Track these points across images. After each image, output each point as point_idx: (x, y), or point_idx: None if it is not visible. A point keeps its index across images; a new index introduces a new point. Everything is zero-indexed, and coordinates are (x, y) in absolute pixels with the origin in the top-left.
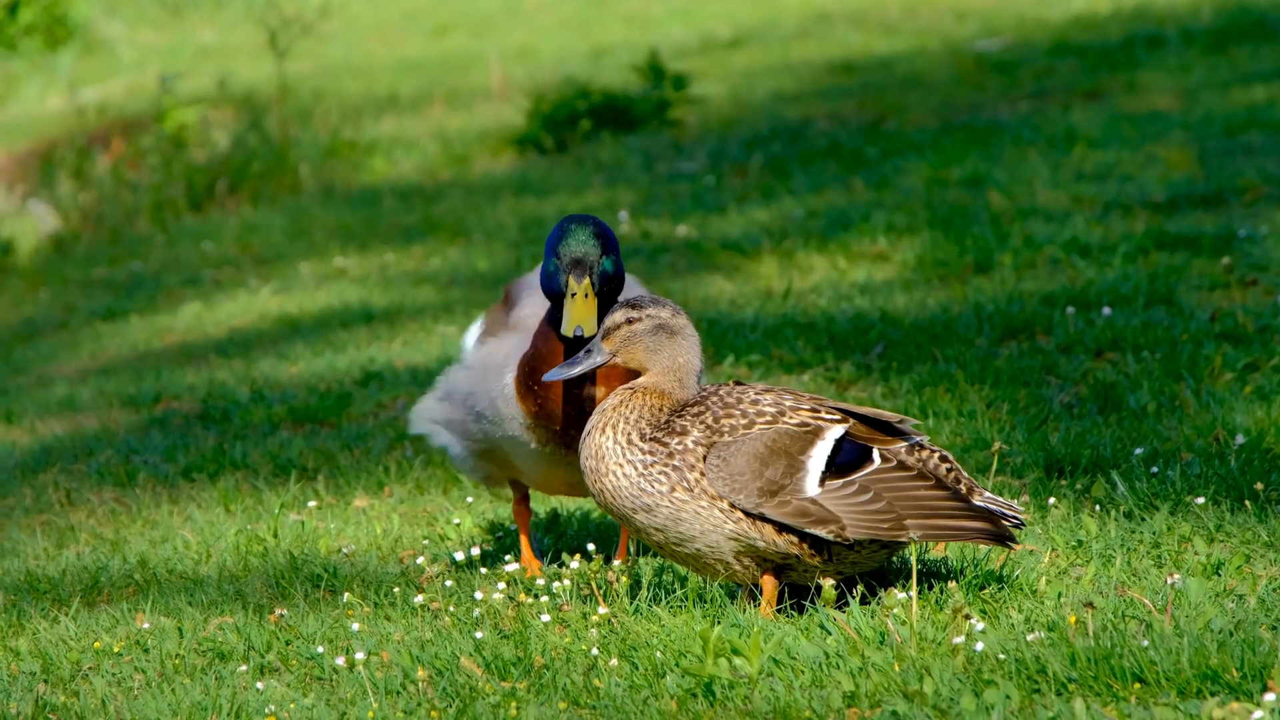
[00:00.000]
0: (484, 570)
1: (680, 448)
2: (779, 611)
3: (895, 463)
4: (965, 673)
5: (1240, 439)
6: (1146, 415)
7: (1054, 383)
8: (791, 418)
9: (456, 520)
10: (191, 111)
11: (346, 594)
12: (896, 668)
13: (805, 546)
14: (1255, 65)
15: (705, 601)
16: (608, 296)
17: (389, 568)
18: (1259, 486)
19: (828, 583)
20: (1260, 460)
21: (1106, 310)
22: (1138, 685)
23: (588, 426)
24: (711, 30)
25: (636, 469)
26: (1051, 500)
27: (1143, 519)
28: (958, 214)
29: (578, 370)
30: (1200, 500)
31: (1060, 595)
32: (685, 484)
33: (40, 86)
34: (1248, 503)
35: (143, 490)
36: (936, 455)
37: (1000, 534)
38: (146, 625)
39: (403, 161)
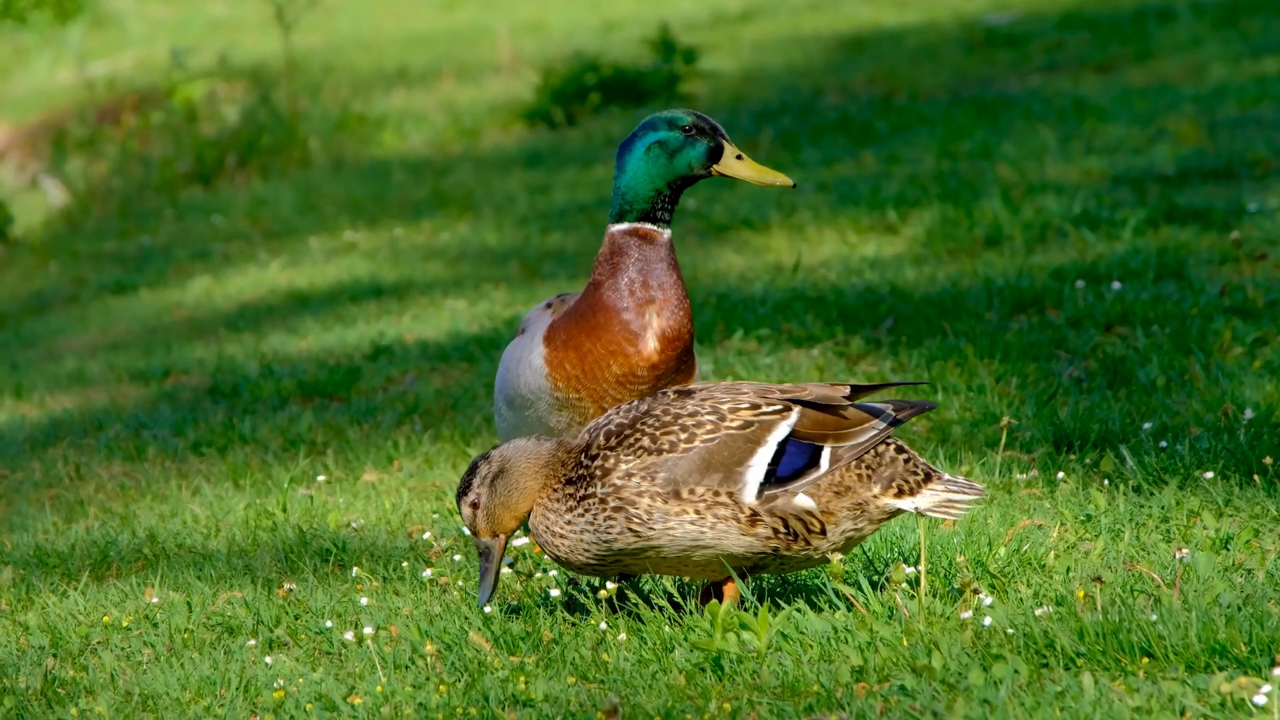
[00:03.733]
0: None
1: (609, 488)
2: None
3: (837, 473)
4: (973, 647)
5: (1249, 413)
6: (1156, 390)
7: (1063, 357)
8: (733, 420)
9: None
10: (200, 86)
11: (355, 568)
12: (905, 642)
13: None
14: (1266, 38)
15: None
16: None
17: (398, 542)
18: (1268, 461)
19: (835, 557)
20: (1269, 435)
21: (1116, 284)
22: (1146, 660)
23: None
24: (722, 4)
25: (585, 530)
26: (1060, 475)
27: (1151, 493)
28: (967, 188)
29: (493, 576)
30: (1209, 475)
31: (1069, 570)
32: (638, 519)
33: (50, 60)
34: (1256, 477)
35: (152, 464)
36: (893, 448)
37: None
38: (155, 599)
39: (412, 135)
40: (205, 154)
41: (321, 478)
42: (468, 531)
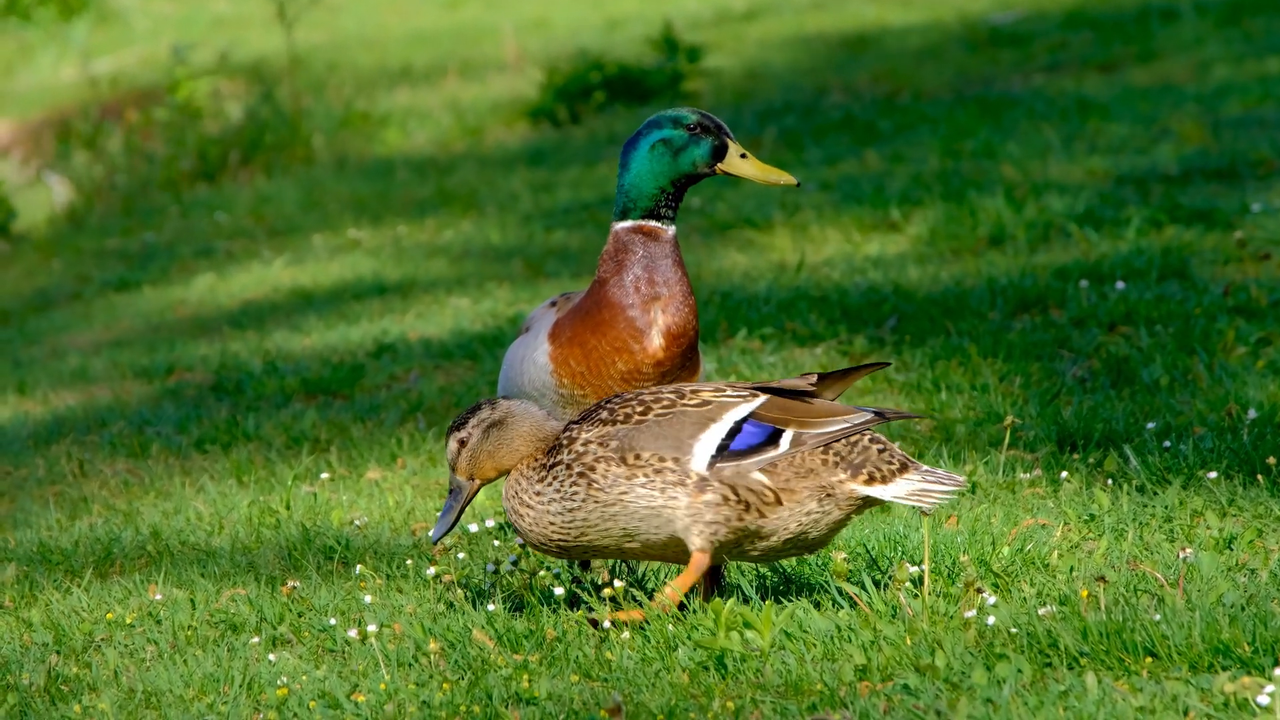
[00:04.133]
0: (497, 543)
1: (573, 455)
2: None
3: (800, 455)
4: (977, 646)
5: (1253, 413)
6: (1159, 389)
7: (1067, 356)
8: (691, 399)
9: None
10: (203, 83)
11: (359, 566)
12: (908, 641)
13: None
14: (1269, 38)
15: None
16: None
17: (401, 540)
18: (1271, 461)
19: (838, 555)
20: (1273, 435)
21: (1120, 284)
22: (1149, 659)
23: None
24: (726, 2)
25: (556, 504)
26: (1064, 474)
27: (1155, 493)
28: (971, 187)
29: (454, 515)
30: (1213, 475)
31: (1072, 569)
32: (597, 484)
33: (54, 57)
34: (1260, 477)
35: (155, 461)
36: (867, 437)
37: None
38: (159, 596)
39: (416, 133)
40: (209, 151)
41: (325, 475)
42: (448, 464)
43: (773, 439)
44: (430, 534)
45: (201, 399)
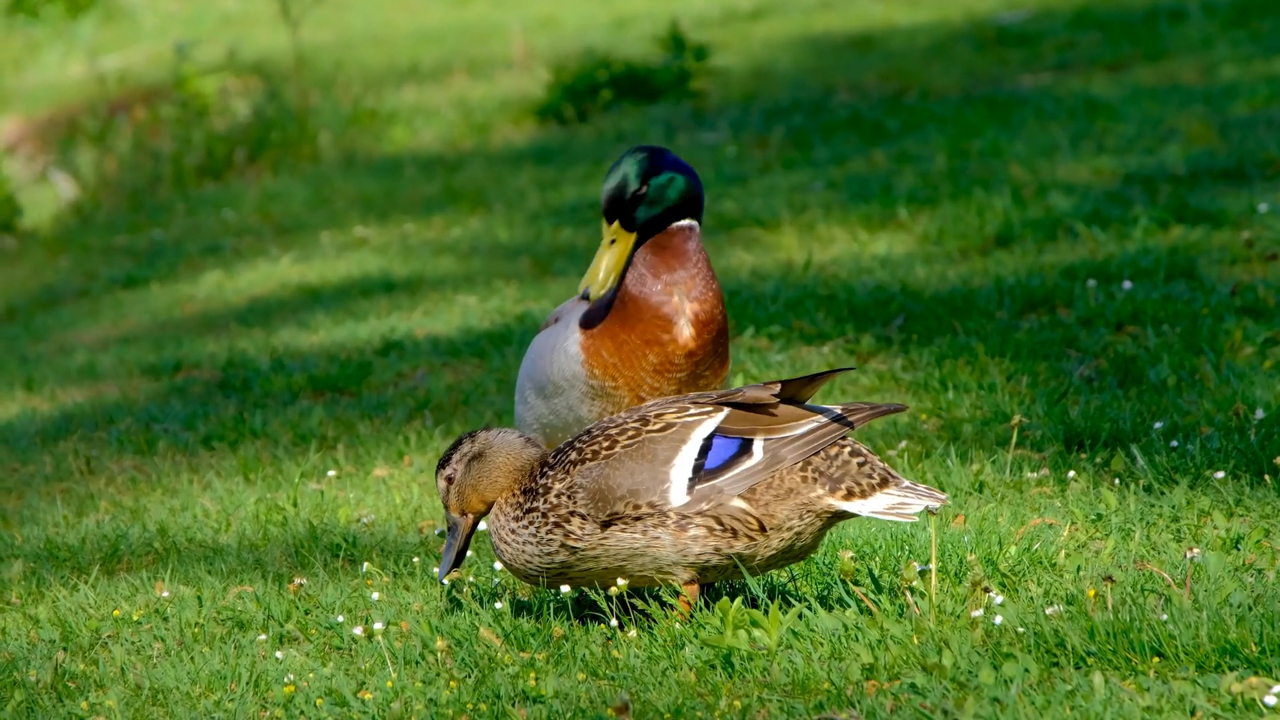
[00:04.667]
0: None
1: (548, 505)
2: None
3: (770, 457)
4: (984, 646)
5: (1260, 413)
6: (1166, 389)
7: (1074, 356)
8: (655, 424)
9: None
10: (211, 81)
11: (366, 563)
12: (915, 640)
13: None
14: (1277, 38)
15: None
16: (677, 210)
17: (408, 537)
18: (1278, 461)
19: (845, 554)
20: None
21: (1127, 284)
22: (1156, 659)
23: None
24: (733, 1)
25: (532, 545)
26: (1071, 473)
27: (1162, 493)
28: (978, 186)
29: (454, 553)
30: (1220, 475)
31: (1079, 569)
32: (573, 535)
33: (61, 54)
34: (1267, 477)
35: (163, 458)
36: (847, 449)
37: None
38: (166, 594)
39: (424, 131)
40: (216, 148)
41: (332, 473)
42: (441, 502)
43: (745, 449)
44: (436, 573)
45: (209, 396)
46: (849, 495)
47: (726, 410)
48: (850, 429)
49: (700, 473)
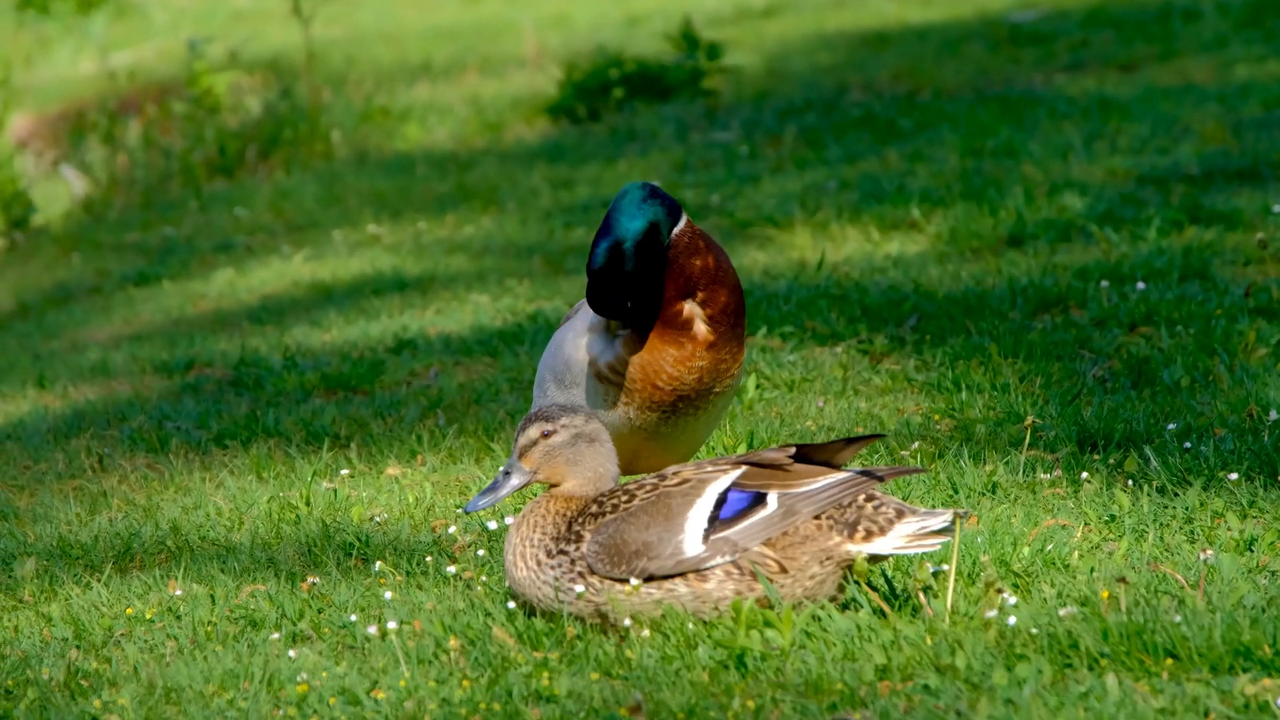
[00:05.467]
0: None
1: (579, 554)
2: None
3: (785, 509)
4: (997, 647)
5: (1274, 415)
6: (1180, 390)
7: (1087, 357)
8: (672, 479)
9: None
10: (223, 77)
11: (379, 563)
12: (929, 641)
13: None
14: None
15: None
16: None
17: (421, 537)
18: None
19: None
20: None
21: (1140, 284)
22: (1170, 661)
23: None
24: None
25: (552, 587)
26: (1084, 475)
27: (1175, 494)
28: (991, 186)
29: (501, 495)
30: (1233, 476)
31: (1093, 570)
32: (593, 588)
33: (72, 50)
34: None
35: (175, 456)
36: (862, 497)
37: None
38: (179, 592)
39: (436, 129)
40: (228, 145)
41: (345, 471)
42: (515, 446)
43: (759, 500)
44: (467, 505)
45: (221, 394)
46: (868, 536)
47: (744, 468)
48: (880, 481)
49: (715, 523)
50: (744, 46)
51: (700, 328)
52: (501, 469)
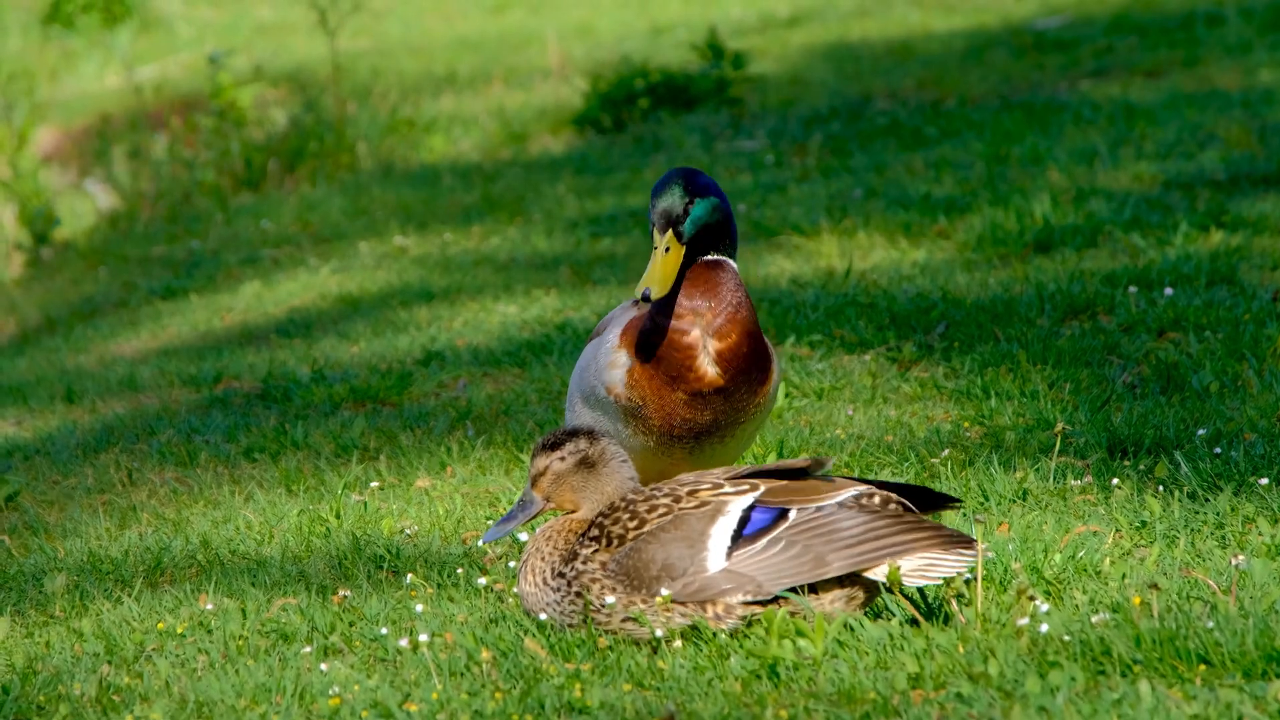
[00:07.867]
0: None
1: (574, 572)
2: None
3: (813, 508)
4: (1030, 654)
5: None
6: (1209, 395)
7: (1116, 363)
8: (689, 501)
9: None
10: (248, 90)
11: (410, 575)
12: (961, 649)
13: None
14: None
15: None
16: (701, 242)
17: (452, 549)
18: None
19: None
20: None
21: (1168, 290)
22: (1203, 667)
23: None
24: (770, 8)
25: (553, 608)
26: (1115, 481)
27: (1206, 500)
28: (1018, 193)
29: (513, 525)
30: (1264, 481)
31: (1124, 576)
32: (597, 610)
33: (98, 64)
34: None
35: (204, 470)
36: (878, 498)
37: (952, 536)
38: (210, 606)
39: (461, 140)
40: (253, 158)
41: (374, 484)
42: (528, 475)
43: (782, 517)
44: (482, 538)
45: (249, 407)
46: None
47: (764, 486)
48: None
49: (738, 540)
50: (769, 55)
51: (708, 369)
52: (519, 498)
